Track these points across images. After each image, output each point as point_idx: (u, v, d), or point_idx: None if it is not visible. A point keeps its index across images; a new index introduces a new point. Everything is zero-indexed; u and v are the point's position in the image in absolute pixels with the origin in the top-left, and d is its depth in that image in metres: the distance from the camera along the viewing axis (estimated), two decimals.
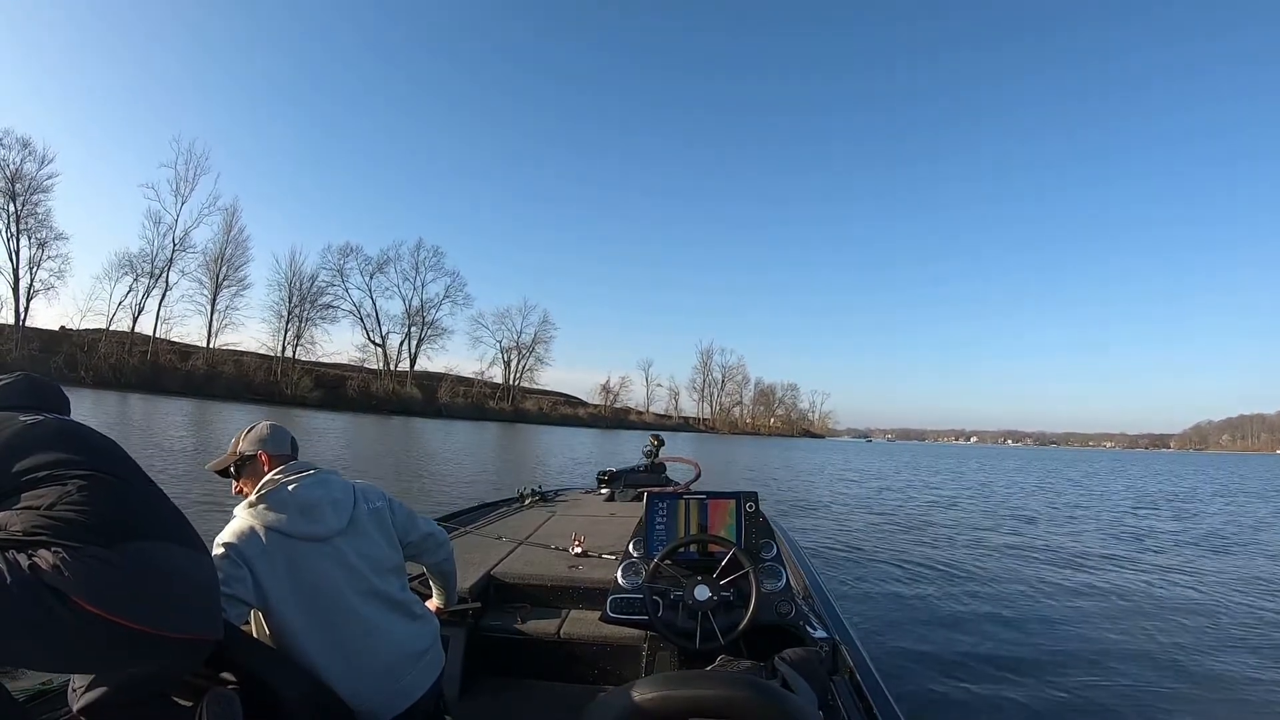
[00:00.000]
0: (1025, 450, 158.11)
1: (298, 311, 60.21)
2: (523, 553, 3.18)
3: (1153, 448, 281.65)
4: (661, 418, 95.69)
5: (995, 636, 5.18)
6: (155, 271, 52.45)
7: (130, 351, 49.18)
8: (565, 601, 2.74)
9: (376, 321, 65.67)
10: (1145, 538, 11.33)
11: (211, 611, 1.26)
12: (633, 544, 2.30)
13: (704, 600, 1.99)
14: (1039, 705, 3.93)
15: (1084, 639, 5.23)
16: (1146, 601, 6.62)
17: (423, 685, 1.70)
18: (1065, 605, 6.31)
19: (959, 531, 10.94)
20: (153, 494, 1.29)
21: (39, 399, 1.41)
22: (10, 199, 46.36)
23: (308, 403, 52.09)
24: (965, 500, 16.93)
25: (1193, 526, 13.34)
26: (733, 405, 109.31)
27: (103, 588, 1.06)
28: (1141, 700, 4.07)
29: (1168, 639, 5.32)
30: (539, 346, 75.55)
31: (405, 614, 1.72)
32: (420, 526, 1.92)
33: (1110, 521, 13.51)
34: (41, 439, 1.22)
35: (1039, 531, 11.54)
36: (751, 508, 2.28)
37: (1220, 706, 4.13)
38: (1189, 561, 9.14)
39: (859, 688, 1.97)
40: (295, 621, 1.54)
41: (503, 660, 2.52)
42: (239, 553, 1.53)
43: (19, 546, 1.06)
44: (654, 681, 1.11)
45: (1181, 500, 19.79)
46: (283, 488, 1.65)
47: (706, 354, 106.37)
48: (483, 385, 72.37)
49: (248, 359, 56.95)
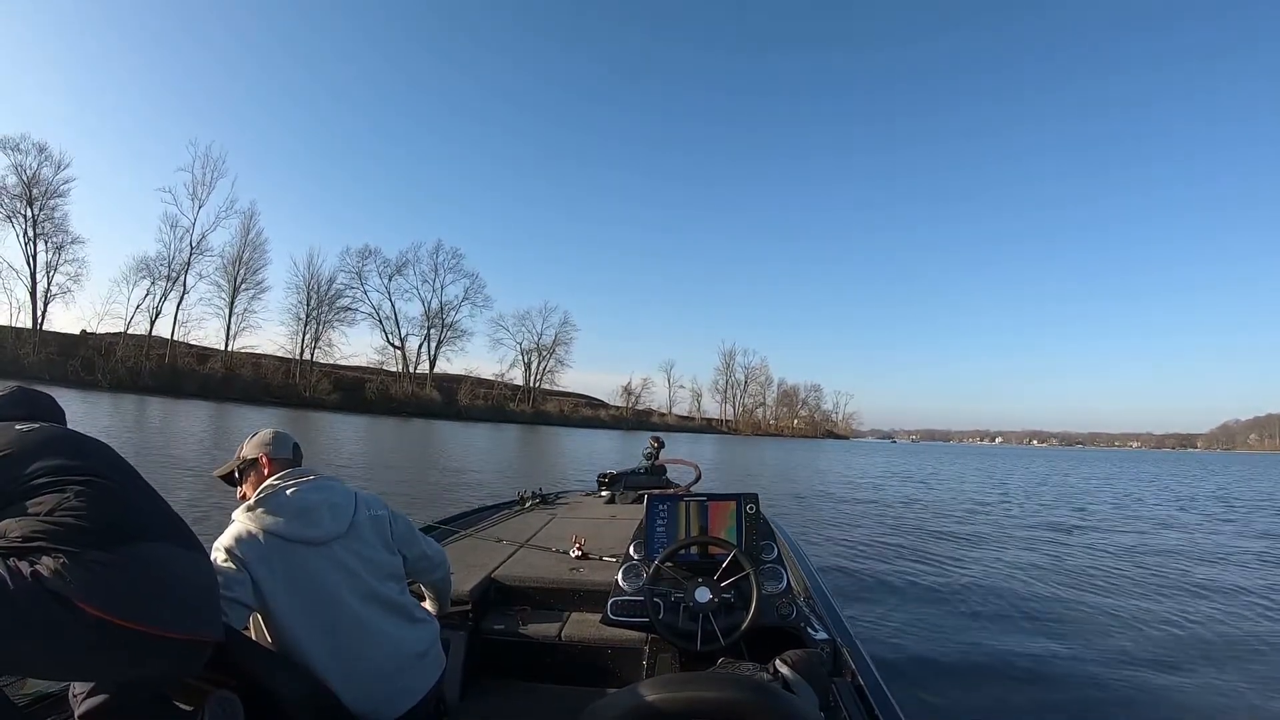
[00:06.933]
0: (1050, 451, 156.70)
1: (316, 314, 60.16)
2: (523, 555, 3.14)
3: (1179, 448, 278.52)
4: (684, 419, 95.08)
5: (998, 638, 5.15)
6: (172, 275, 52.45)
7: (148, 355, 49.05)
8: (566, 604, 2.70)
9: (395, 324, 65.81)
10: (1157, 539, 11.14)
11: (212, 612, 1.28)
12: (633, 546, 2.30)
13: (705, 602, 1.98)
14: (1041, 706, 3.93)
15: (1088, 641, 5.15)
16: (1155, 604, 6.45)
17: (423, 688, 1.70)
18: (1068, 606, 6.24)
19: (961, 532, 10.84)
20: (150, 497, 1.31)
21: (34, 409, 1.45)
22: (28, 203, 46.67)
23: (326, 405, 51.85)
24: (975, 502, 16.60)
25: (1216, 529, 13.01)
26: (756, 406, 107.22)
27: (104, 591, 1.07)
28: (1143, 701, 4.05)
29: (1172, 641, 5.27)
30: (559, 348, 75.00)
31: (405, 617, 1.73)
32: (419, 545, 1.92)
33: (1125, 522, 13.29)
34: (38, 447, 1.23)
35: (1043, 532, 11.34)
36: (752, 509, 2.28)
37: (1222, 710, 4.06)
38: (1206, 565, 8.86)
39: (860, 689, 1.94)
40: (295, 624, 1.54)
41: (503, 663, 2.49)
42: (238, 556, 1.53)
43: (20, 554, 1.06)
44: (655, 683, 1.12)
45: (1210, 503, 19.07)
46: (281, 492, 1.65)
47: (729, 355, 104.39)
48: (503, 387, 72.02)
49: (266, 362, 56.96)
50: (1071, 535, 11.07)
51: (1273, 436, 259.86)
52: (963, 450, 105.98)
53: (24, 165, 46.15)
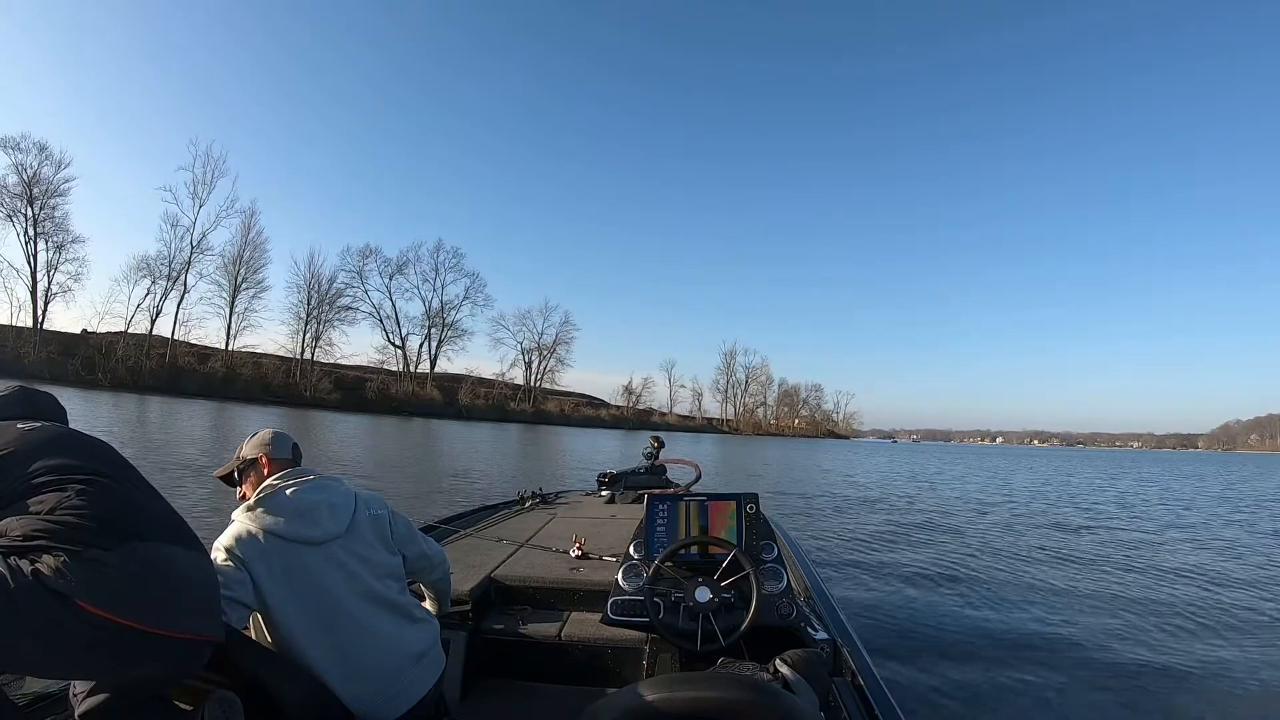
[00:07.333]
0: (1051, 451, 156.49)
1: (316, 313, 59.98)
2: (523, 555, 3.13)
3: (1180, 448, 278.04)
4: (685, 419, 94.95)
5: (998, 638, 5.14)
6: (173, 274, 52.37)
7: (148, 354, 49.00)
8: (566, 603, 2.70)
9: (396, 323, 65.61)
10: (1162, 539, 11.12)
11: (212, 611, 1.27)
12: (633, 546, 2.30)
13: (705, 602, 1.98)
14: (1041, 706, 3.93)
15: (1089, 642, 5.14)
16: (1159, 607, 6.39)
17: (423, 687, 1.69)
18: (1070, 607, 6.22)
19: (962, 534, 10.76)
20: (150, 496, 1.30)
21: (35, 408, 1.46)
22: (28, 203, 46.66)
23: (327, 404, 51.88)
24: (977, 502, 16.51)
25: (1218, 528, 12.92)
26: (756, 406, 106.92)
27: (105, 589, 1.07)
28: (1144, 702, 4.05)
29: (1176, 643, 5.23)
30: (560, 347, 74.93)
31: (405, 616, 1.72)
32: (419, 546, 1.91)
33: (1128, 524, 13.20)
34: (39, 446, 1.24)
35: (1045, 533, 11.28)
36: (752, 509, 2.28)
37: (1227, 710, 4.07)
38: (1211, 565, 8.78)
39: (860, 689, 1.95)
40: (295, 624, 1.53)
41: (504, 662, 2.48)
42: (238, 556, 1.53)
43: (20, 552, 1.06)
44: (655, 683, 1.12)
45: (1210, 502, 19.11)
46: (280, 492, 1.64)
47: (730, 354, 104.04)
48: (504, 386, 71.89)
49: (267, 361, 56.91)
50: (1076, 536, 11.01)
51: (1274, 437, 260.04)
52: (964, 450, 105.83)
53: (24, 164, 46.25)
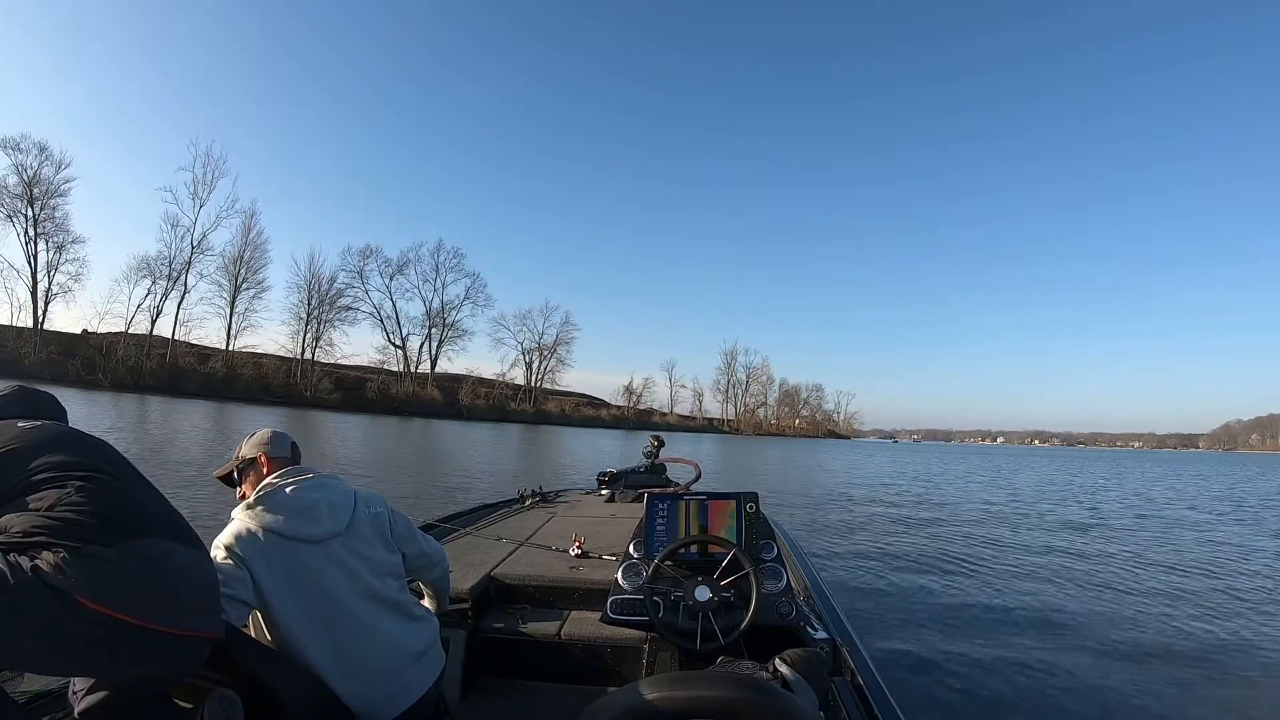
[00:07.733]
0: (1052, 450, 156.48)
1: (317, 313, 60.02)
2: (523, 554, 3.13)
3: (1181, 448, 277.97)
4: (685, 419, 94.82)
5: (998, 638, 5.14)
6: (173, 274, 52.37)
7: (148, 354, 48.99)
8: (566, 602, 2.70)
9: (396, 323, 65.64)
10: (1165, 539, 11.05)
11: (212, 608, 1.28)
12: (633, 545, 2.31)
13: (705, 601, 1.98)
14: (1041, 706, 3.92)
15: (1091, 641, 5.13)
16: (1161, 604, 6.43)
17: (422, 686, 1.69)
18: (1071, 606, 6.22)
19: (962, 532, 10.78)
20: (150, 494, 1.31)
21: (35, 408, 1.46)
22: (28, 203, 46.70)
23: (327, 405, 51.85)
24: (979, 501, 16.50)
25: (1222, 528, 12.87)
26: (757, 406, 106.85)
27: (105, 585, 1.07)
28: (1145, 702, 4.03)
29: (1178, 643, 5.23)
30: (561, 347, 74.95)
31: (404, 615, 1.72)
32: (418, 544, 1.92)
33: (1127, 522, 13.20)
34: (40, 444, 1.25)
35: (1047, 533, 11.26)
36: (752, 508, 2.28)
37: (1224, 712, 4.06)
38: (1213, 566, 8.74)
39: (860, 689, 1.95)
40: (294, 622, 1.54)
41: (503, 661, 2.48)
42: (237, 554, 1.53)
43: (20, 549, 1.06)
44: (655, 682, 1.13)
45: (1221, 503, 19.04)
46: (280, 490, 1.65)
47: (730, 354, 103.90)
48: (504, 387, 71.87)
49: (267, 361, 56.91)
50: (1079, 535, 11.00)
51: (1274, 437, 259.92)
52: (964, 450, 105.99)
53: (25, 165, 46.30)
